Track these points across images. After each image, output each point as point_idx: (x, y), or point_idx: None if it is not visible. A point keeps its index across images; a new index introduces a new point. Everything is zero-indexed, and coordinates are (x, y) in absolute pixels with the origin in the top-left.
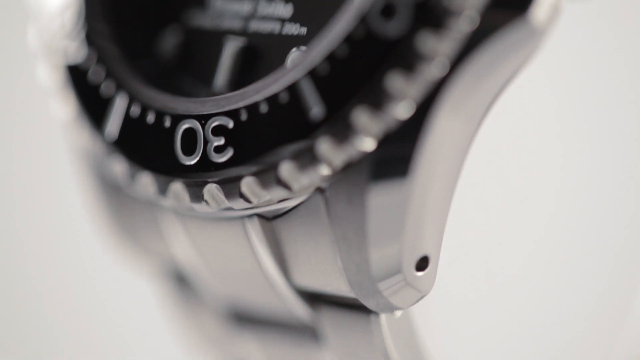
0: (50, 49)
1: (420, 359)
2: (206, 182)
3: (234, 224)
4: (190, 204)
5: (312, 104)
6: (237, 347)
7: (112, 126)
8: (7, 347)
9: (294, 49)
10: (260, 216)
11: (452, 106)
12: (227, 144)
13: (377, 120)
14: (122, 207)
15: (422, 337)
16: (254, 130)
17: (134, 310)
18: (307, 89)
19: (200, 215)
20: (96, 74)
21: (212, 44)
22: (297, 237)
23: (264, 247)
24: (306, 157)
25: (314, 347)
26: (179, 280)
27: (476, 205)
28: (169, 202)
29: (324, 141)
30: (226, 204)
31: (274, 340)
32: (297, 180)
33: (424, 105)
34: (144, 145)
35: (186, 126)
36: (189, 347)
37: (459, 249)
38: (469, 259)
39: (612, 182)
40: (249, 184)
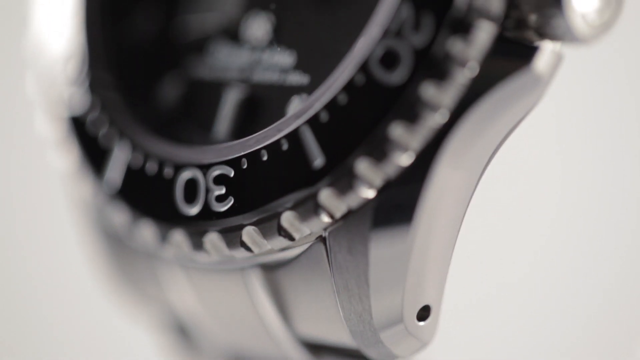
0: (51, 98)
1: None
2: (207, 231)
3: (234, 274)
4: (191, 253)
5: (314, 153)
6: None
7: (115, 176)
8: None
9: (295, 96)
10: (261, 266)
11: (454, 155)
12: (228, 193)
13: (379, 170)
14: (123, 257)
15: None
16: (255, 179)
17: None
18: (307, 138)
19: (201, 266)
20: (99, 124)
21: (214, 93)
22: (299, 287)
23: (265, 297)
24: (307, 207)
25: None
26: (179, 330)
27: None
28: (169, 252)
29: (326, 191)
30: (227, 253)
31: None
32: (299, 229)
33: (426, 153)
34: (145, 194)
35: (187, 175)
36: None
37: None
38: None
39: (612, 228)
40: (250, 233)
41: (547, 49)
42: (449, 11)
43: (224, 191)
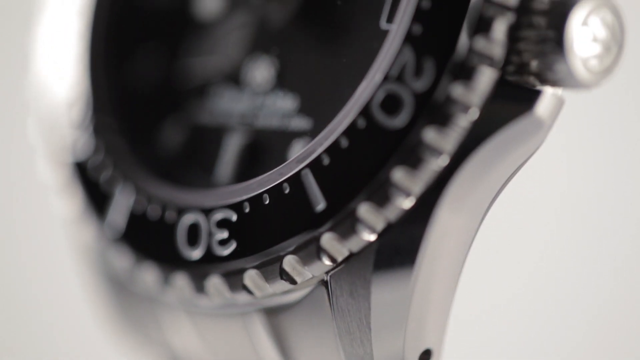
0: (53, 143)
1: None
2: (209, 274)
3: (236, 317)
4: (193, 297)
5: (316, 197)
6: None
7: (118, 219)
8: None
9: (297, 140)
10: (263, 310)
11: (455, 199)
12: (231, 237)
13: (380, 214)
14: (125, 301)
15: None
16: (258, 222)
17: None
18: (309, 182)
19: (203, 310)
20: (102, 168)
21: (217, 138)
22: (300, 330)
23: (267, 340)
24: (309, 250)
25: None
26: None
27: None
28: (171, 295)
29: (328, 235)
30: (229, 296)
31: None
32: (300, 273)
33: (427, 197)
34: (148, 237)
35: (190, 219)
36: None
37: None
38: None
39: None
40: (252, 277)
41: (548, 93)
42: (449, 57)
43: (226, 235)
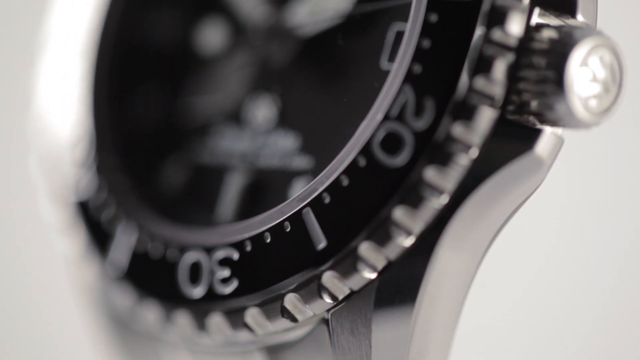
0: (56, 183)
1: None
2: (211, 312)
3: (238, 356)
4: (194, 335)
5: (317, 235)
6: None
7: (120, 258)
8: None
9: (299, 178)
10: (264, 348)
11: (455, 238)
12: (233, 276)
13: (381, 252)
14: (126, 340)
15: None
16: (259, 261)
17: None
18: (310, 220)
19: (204, 348)
20: (105, 207)
21: (218, 177)
22: None
23: None
24: (311, 289)
25: None
26: None
27: None
28: (173, 333)
29: (329, 273)
30: (230, 334)
31: None
32: (302, 311)
33: (427, 235)
34: (150, 276)
35: (192, 258)
36: None
37: None
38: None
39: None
40: (253, 315)
41: (548, 132)
42: (450, 96)
43: (228, 274)
